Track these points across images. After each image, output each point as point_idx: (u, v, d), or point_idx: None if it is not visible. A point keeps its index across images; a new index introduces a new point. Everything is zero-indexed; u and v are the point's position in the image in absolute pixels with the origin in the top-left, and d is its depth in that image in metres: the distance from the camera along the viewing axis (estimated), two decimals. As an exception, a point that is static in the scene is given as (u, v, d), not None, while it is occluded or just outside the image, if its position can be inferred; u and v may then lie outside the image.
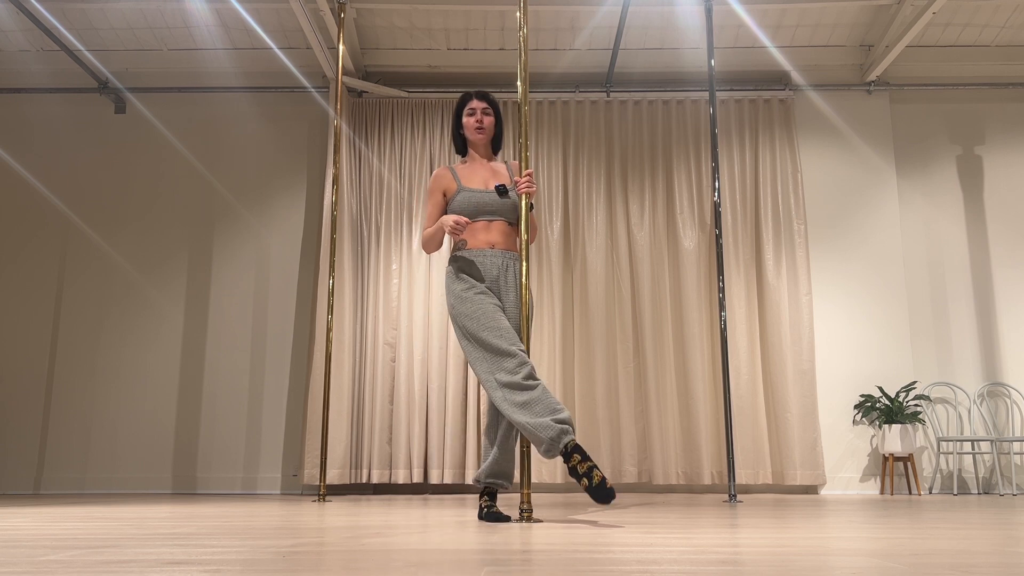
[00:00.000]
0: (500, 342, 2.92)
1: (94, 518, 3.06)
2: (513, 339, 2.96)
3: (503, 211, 3.21)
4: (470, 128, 3.29)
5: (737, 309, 6.02)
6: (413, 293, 6.02)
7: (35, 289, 6.30)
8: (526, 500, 3.03)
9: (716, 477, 5.78)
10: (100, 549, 1.88)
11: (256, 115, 6.53)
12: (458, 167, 3.30)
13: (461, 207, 3.18)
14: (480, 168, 3.29)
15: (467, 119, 3.30)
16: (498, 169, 3.32)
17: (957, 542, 2.07)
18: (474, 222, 3.19)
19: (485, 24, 6.26)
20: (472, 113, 3.29)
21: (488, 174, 3.28)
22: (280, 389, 6.11)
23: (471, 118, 3.29)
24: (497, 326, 2.97)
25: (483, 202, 3.18)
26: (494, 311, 3.02)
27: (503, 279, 3.16)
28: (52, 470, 6.02)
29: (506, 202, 3.21)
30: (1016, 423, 6.04)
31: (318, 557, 1.72)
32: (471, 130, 3.29)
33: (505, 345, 2.92)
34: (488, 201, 3.19)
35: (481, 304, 3.03)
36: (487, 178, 3.26)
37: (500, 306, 3.09)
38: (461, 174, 3.27)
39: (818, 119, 6.45)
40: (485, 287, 3.11)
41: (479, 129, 3.28)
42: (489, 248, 3.17)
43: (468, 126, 3.30)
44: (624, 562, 1.63)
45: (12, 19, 6.16)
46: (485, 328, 2.96)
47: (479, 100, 3.30)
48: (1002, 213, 6.35)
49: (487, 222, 3.20)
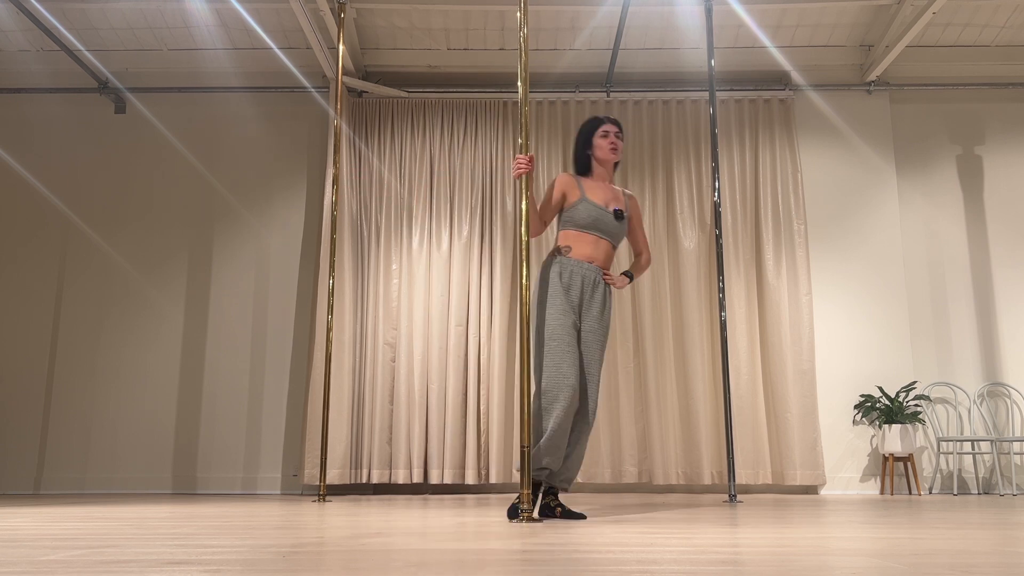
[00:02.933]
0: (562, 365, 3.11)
1: (94, 518, 3.06)
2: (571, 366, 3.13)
3: (613, 234, 3.36)
4: (604, 149, 3.40)
5: (737, 309, 6.02)
6: (413, 293, 6.02)
7: (35, 289, 6.30)
8: (526, 500, 3.02)
9: (716, 477, 5.78)
10: (100, 549, 1.88)
11: (256, 115, 6.53)
12: (582, 179, 3.41)
13: (582, 217, 3.31)
14: (602, 187, 3.41)
15: (601, 140, 3.41)
16: (617, 193, 3.45)
17: (957, 542, 2.07)
18: (584, 234, 3.31)
19: (485, 24, 6.26)
20: (606, 135, 3.41)
21: (610, 195, 3.40)
22: (280, 389, 6.11)
23: (605, 139, 3.40)
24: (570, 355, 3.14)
25: (601, 220, 3.32)
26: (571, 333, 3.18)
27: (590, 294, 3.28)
28: (52, 470, 6.02)
29: (618, 227, 3.37)
30: (1016, 423, 6.04)
31: (318, 557, 1.72)
32: (605, 150, 3.40)
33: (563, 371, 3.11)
34: (605, 221, 3.33)
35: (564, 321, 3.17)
36: (608, 199, 3.38)
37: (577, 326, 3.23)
38: (586, 186, 3.38)
39: (818, 119, 6.45)
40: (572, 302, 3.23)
41: (614, 149, 3.41)
42: (589, 262, 3.29)
43: (602, 147, 3.40)
44: (624, 562, 1.63)
45: (12, 19, 6.16)
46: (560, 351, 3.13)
47: (612, 124, 3.43)
48: (1002, 213, 6.35)
49: (596, 238, 3.33)
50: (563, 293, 3.21)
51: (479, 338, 5.95)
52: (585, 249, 3.30)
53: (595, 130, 3.43)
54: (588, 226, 3.31)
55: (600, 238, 3.33)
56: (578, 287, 3.24)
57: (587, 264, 3.29)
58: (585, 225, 3.31)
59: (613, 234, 3.36)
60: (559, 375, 3.11)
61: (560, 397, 3.09)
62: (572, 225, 3.34)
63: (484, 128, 6.34)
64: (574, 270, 3.26)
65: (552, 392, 3.10)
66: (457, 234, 6.12)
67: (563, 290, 3.22)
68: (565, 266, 3.27)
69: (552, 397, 3.10)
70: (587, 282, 3.27)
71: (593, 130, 3.44)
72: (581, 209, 3.32)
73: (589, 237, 3.31)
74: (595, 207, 3.31)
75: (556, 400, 3.09)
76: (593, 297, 3.28)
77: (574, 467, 3.24)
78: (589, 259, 3.30)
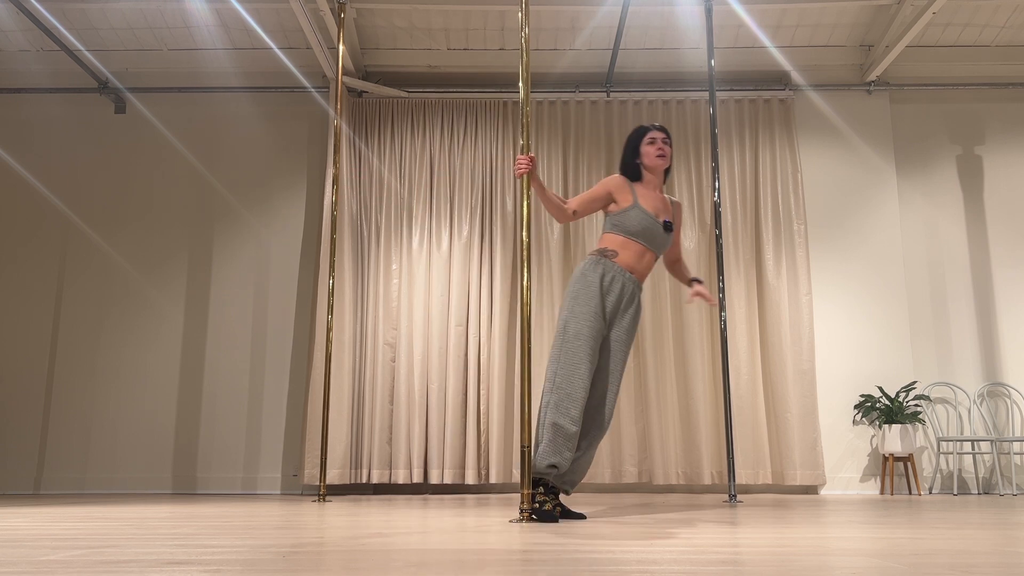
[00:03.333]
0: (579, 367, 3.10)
1: (94, 518, 3.06)
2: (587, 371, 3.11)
3: (659, 245, 3.35)
4: (651, 155, 3.38)
5: (737, 309, 6.01)
6: (413, 293, 6.02)
7: (35, 289, 6.30)
8: (526, 500, 3.02)
9: (716, 477, 5.78)
10: (100, 549, 1.88)
11: (256, 115, 6.53)
12: (635, 185, 3.39)
13: (632, 224, 3.28)
14: (653, 195, 3.39)
15: (648, 147, 3.39)
16: (666, 203, 3.43)
17: (957, 542, 2.07)
18: (632, 241, 3.29)
19: (485, 24, 6.26)
20: (653, 142, 3.38)
21: (660, 205, 3.38)
22: (280, 389, 6.11)
23: (652, 146, 3.38)
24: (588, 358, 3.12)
25: (651, 229, 3.30)
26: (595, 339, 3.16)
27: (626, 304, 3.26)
28: (52, 470, 6.02)
29: (665, 239, 3.35)
30: (1016, 423, 6.04)
31: (318, 557, 1.72)
32: (652, 157, 3.38)
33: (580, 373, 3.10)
34: (654, 231, 3.30)
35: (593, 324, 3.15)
36: (659, 208, 3.36)
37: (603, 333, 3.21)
38: (638, 192, 3.36)
39: (818, 119, 6.45)
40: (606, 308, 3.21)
41: (661, 156, 3.38)
42: (630, 272, 3.28)
43: (649, 154, 3.38)
44: (624, 562, 1.63)
45: (12, 19, 6.15)
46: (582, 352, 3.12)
47: (659, 131, 3.42)
48: (1002, 213, 6.35)
49: (643, 249, 3.31)
50: (599, 296, 3.19)
51: (479, 338, 5.95)
52: (630, 258, 3.29)
53: (641, 138, 3.42)
54: (637, 234, 3.28)
55: (647, 248, 3.32)
56: (616, 294, 3.22)
57: (628, 274, 3.27)
58: (635, 233, 3.28)
59: (659, 245, 3.35)
60: (574, 376, 3.10)
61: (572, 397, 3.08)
62: (621, 231, 3.30)
63: (484, 128, 6.34)
64: (616, 276, 3.24)
65: (564, 389, 3.09)
66: (457, 234, 6.12)
67: (601, 293, 3.20)
68: (609, 269, 3.25)
69: (563, 395, 3.09)
70: (625, 292, 3.25)
71: (640, 138, 3.43)
72: (632, 216, 3.29)
73: (636, 246, 3.29)
74: (646, 216, 3.29)
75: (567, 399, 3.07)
76: (628, 309, 3.26)
77: (580, 472, 3.21)
78: (631, 269, 3.28)
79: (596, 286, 3.20)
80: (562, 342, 3.16)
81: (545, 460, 3.08)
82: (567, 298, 3.23)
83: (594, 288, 3.19)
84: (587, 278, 3.23)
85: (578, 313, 3.17)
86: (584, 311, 3.16)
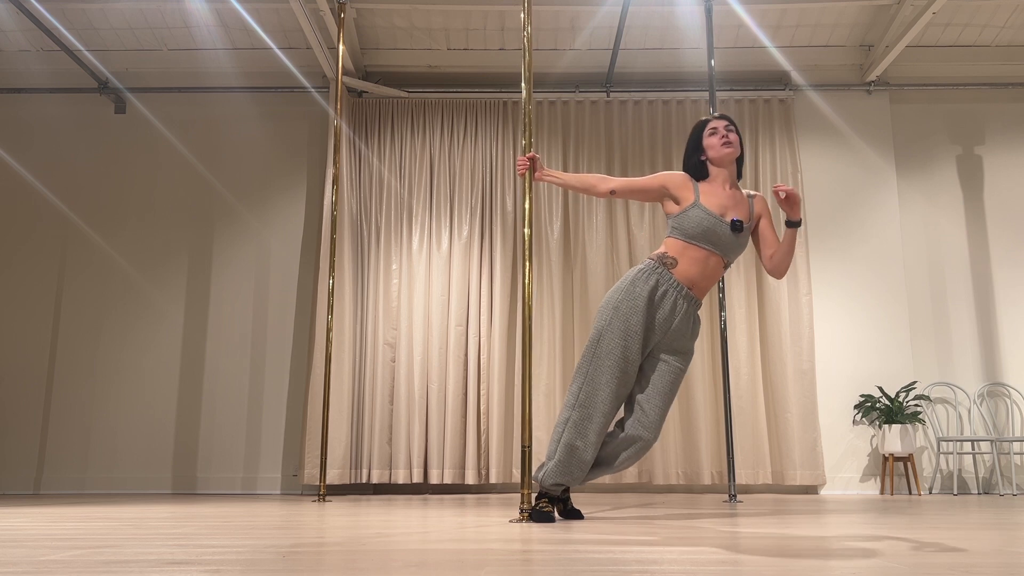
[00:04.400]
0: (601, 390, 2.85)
1: (94, 518, 3.06)
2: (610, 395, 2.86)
3: (728, 248, 2.93)
4: (715, 146, 2.99)
5: (737, 309, 6.01)
6: (413, 293, 6.02)
7: (35, 289, 6.30)
8: (526, 500, 3.02)
9: (716, 477, 5.78)
10: (100, 549, 1.88)
11: (256, 115, 6.53)
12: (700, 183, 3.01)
13: (691, 225, 2.91)
14: (721, 191, 2.99)
15: (711, 139, 3.01)
16: (739, 200, 3.00)
17: (957, 542, 2.07)
18: (693, 246, 2.91)
19: (485, 24, 6.26)
20: (715, 132, 3.02)
21: (729, 201, 2.96)
22: (280, 389, 6.11)
23: (715, 137, 3.01)
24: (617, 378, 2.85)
25: (713, 230, 2.90)
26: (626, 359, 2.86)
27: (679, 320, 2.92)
28: (52, 470, 6.02)
29: (734, 240, 2.92)
30: (1016, 423, 6.04)
31: (318, 557, 1.72)
32: (717, 147, 2.98)
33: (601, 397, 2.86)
34: (719, 232, 2.90)
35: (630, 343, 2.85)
36: (727, 205, 2.95)
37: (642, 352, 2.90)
38: (702, 189, 2.98)
39: (818, 119, 6.45)
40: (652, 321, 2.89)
41: (726, 143, 2.98)
42: (688, 288, 2.91)
43: (713, 145, 3.00)
44: (624, 562, 1.63)
45: (12, 19, 6.15)
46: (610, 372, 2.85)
47: (721, 120, 3.04)
48: (1002, 213, 6.35)
49: (707, 253, 2.91)
50: (644, 312, 2.86)
51: (479, 338, 5.95)
52: (691, 268, 2.90)
53: (702, 132, 3.05)
54: (698, 237, 2.90)
55: (711, 253, 2.91)
56: (667, 310, 2.89)
57: (685, 289, 2.90)
58: (694, 235, 2.90)
59: (727, 248, 2.92)
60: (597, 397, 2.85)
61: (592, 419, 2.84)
62: (680, 233, 2.93)
63: (484, 128, 6.34)
64: (669, 290, 2.89)
65: (586, 408, 2.86)
66: (457, 234, 6.12)
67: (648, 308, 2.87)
68: (663, 282, 2.90)
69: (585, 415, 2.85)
70: (679, 310, 2.90)
71: (700, 132, 3.06)
72: (692, 216, 2.91)
73: (698, 251, 2.91)
74: (708, 215, 2.90)
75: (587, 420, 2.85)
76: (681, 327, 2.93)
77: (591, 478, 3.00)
78: (691, 282, 2.91)
79: (644, 299, 2.87)
80: (592, 355, 2.88)
81: (552, 479, 2.92)
82: (607, 306, 2.91)
83: (640, 302, 2.87)
84: (635, 289, 2.89)
85: (616, 327, 2.86)
86: (623, 327, 2.86)
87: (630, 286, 2.91)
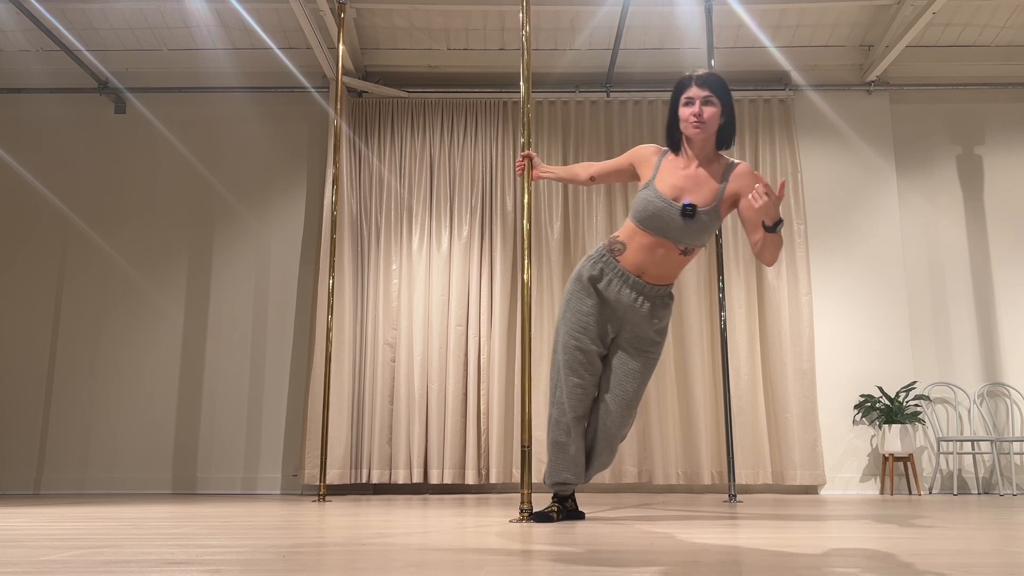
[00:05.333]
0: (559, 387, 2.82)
1: (94, 518, 3.06)
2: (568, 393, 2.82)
3: (677, 235, 2.63)
4: (685, 119, 2.64)
5: (737, 309, 6.01)
6: (413, 293, 6.02)
7: (35, 289, 6.30)
8: (526, 500, 3.02)
9: (716, 477, 5.78)
10: (100, 549, 1.88)
11: (256, 115, 6.53)
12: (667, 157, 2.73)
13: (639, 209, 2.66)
14: (684, 170, 2.66)
15: (684, 109, 2.67)
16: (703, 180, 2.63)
17: (957, 542, 2.07)
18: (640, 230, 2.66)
19: (485, 24, 6.26)
20: (690, 103, 2.66)
21: (688, 183, 2.63)
22: (280, 389, 6.11)
23: (688, 108, 2.65)
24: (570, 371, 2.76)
25: (661, 216, 2.61)
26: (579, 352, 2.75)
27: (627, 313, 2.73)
28: (52, 470, 6.02)
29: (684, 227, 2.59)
30: (1016, 423, 6.04)
31: (318, 557, 1.72)
32: (687, 121, 2.64)
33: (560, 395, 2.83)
34: (667, 218, 2.60)
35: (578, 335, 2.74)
36: (684, 187, 2.63)
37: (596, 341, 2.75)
38: (663, 167, 2.68)
39: (818, 119, 6.45)
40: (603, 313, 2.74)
41: (697, 123, 2.61)
42: (636, 275, 2.67)
43: (685, 117, 2.65)
44: (624, 562, 1.63)
45: (12, 19, 6.15)
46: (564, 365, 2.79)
47: (700, 87, 2.66)
48: (1002, 213, 6.35)
49: (655, 240, 2.64)
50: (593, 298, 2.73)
51: (479, 338, 5.95)
52: (638, 255, 2.67)
53: (679, 97, 2.69)
54: (644, 221, 2.63)
55: (659, 239, 2.63)
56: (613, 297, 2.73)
57: (632, 277, 2.68)
58: (641, 219, 2.64)
59: (678, 235, 2.62)
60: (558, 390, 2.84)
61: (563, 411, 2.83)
62: (632, 216, 2.69)
63: (484, 128, 6.34)
64: (613, 280, 2.69)
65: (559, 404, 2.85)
66: (457, 234, 6.12)
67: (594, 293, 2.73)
68: (608, 270, 2.71)
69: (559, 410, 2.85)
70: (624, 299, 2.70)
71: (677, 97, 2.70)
72: (641, 198, 2.65)
73: (646, 237, 2.65)
74: (657, 197, 2.61)
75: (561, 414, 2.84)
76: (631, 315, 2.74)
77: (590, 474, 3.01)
78: (639, 269, 2.68)
79: (590, 287, 2.74)
80: (554, 350, 2.86)
81: (551, 478, 2.96)
82: (563, 299, 2.85)
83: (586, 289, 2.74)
84: (580, 278, 2.77)
85: (568, 319, 2.77)
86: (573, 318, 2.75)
87: (577, 275, 2.80)
